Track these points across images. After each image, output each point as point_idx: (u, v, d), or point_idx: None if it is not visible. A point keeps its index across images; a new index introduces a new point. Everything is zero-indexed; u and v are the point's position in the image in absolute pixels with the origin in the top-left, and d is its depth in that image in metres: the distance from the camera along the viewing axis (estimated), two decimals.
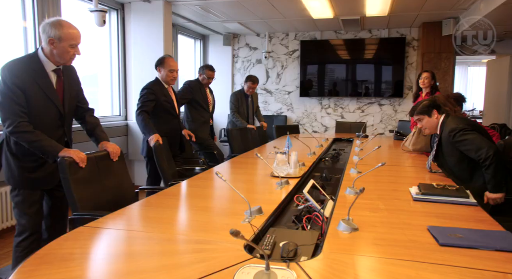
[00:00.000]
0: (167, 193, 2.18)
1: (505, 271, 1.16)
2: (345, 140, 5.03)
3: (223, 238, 1.43)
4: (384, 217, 1.72)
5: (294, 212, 1.88)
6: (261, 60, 7.42)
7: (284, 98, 7.44)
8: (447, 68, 6.26)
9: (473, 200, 1.95)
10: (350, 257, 1.29)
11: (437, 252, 1.31)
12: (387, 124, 6.97)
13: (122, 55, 5.14)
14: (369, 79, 6.99)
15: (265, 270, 1.07)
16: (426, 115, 2.84)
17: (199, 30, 7.02)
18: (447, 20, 5.90)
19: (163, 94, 3.46)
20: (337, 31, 7.04)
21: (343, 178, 2.53)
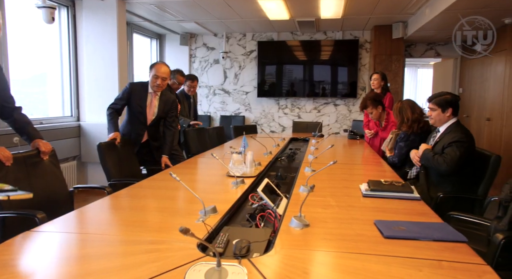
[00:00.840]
0: (121, 194, 2.14)
1: (440, 259, 1.25)
2: (301, 139, 5.14)
3: (176, 238, 1.42)
4: (335, 213, 1.79)
5: (249, 211, 1.90)
6: (219, 60, 7.41)
7: (242, 99, 7.48)
8: (398, 69, 6.57)
9: (417, 195, 2.07)
10: (300, 252, 1.33)
11: (381, 244, 1.38)
12: (342, 123, 7.20)
13: (73, 54, 4.94)
14: (325, 80, 7.20)
15: (216, 267, 1.08)
16: (440, 108, 2.82)
17: (155, 29, 6.90)
18: (397, 23, 6.20)
19: (139, 97, 3.35)
20: (293, 32, 7.18)
21: (298, 177, 2.59)
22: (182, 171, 2.92)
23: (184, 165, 3.15)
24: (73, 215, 1.76)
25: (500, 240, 1.65)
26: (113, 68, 4.88)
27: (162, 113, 3.44)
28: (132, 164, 3.25)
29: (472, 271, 1.16)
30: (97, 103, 4.96)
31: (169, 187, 2.25)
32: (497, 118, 5.44)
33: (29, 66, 4.65)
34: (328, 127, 7.17)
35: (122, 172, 3.03)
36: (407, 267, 1.19)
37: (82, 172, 4.93)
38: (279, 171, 2.82)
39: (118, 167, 3.02)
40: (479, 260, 1.23)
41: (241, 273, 1.06)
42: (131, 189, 2.28)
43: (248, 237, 1.48)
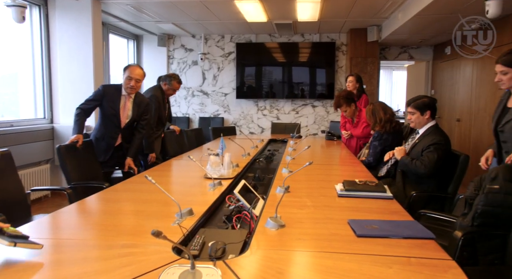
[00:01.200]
0: (94, 198, 2.11)
1: (409, 255, 1.29)
2: (280, 141, 5.18)
3: (151, 241, 1.42)
4: (311, 213, 1.82)
5: (225, 212, 1.91)
6: (197, 61, 7.38)
7: (220, 100, 7.48)
8: (373, 72, 6.71)
9: (390, 194, 2.12)
10: (275, 252, 1.35)
11: (354, 243, 1.42)
12: (320, 124, 7.29)
13: (46, 54, 4.82)
14: (304, 81, 7.28)
15: (190, 269, 1.09)
16: (419, 112, 2.91)
17: (132, 30, 6.82)
18: (371, 27, 6.34)
19: (112, 100, 3.29)
20: (271, 35, 7.23)
21: (275, 178, 2.62)
22: (159, 173, 2.90)
23: (161, 168, 3.13)
24: (45, 220, 1.73)
25: (460, 237, 1.73)
26: (88, 69, 4.79)
27: (137, 116, 3.40)
28: (94, 167, 3.18)
29: (438, 266, 1.21)
30: (72, 105, 4.81)
31: (145, 190, 2.23)
32: (466, 119, 5.64)
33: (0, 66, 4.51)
34: (306, 128, 7.25)
35: (84, 175, 2.96)
36: (378, 264, 1.22)
37: (56, 175, 4.81)
38: (256, 173, 2.84)
39: (79, 170, 2.95)
40: (445, 256, 1.29)
41: (215, 275, 1.07)
42: (106, 193, 2.25)
43: (224, 238, 1.49)
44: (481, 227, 1.82)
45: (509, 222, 1.72)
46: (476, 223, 1.82)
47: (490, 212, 1.78)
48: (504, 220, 1.76)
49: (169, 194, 1.72)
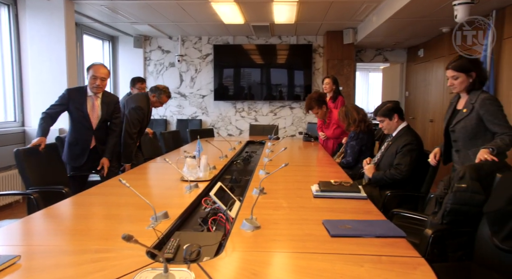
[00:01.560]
0: (67, 203, 2.06)
1: (380, 254, 1.33)
2: (258, 142, 5.19)
3: (125, 246, 1.39)
4: (286, 215, 1.83)
5: (202, 215, 1.90)
6: (174, 63, 7.32)
7: (198, 102, 7.44)
8: (349, 73, 6.82)
9: (364, 194, 2.17)
10: (250, 254, 1.35)
11: (327, 243, 1.44)
12: (298, 126, 7.36)
13: (16, 55, 4.68)
14: (282, 83, 7.32)
15: (163, 272, 1.08)
16: (387, 118, 3.04)
17: (107, 31, 6.70)
18: (347, 30, 6.44)
19: (78, 102, 3.24)
20: (249, 37, 7.25)
21: (252, 180, 2.62)
22: (135, 176, 2.85)
23: (137, 171, 3.08)
24: (16, 226, 1.67)
25: (430, 235, 1.79)
26: (61, 71, 4.68)
27: (107, 115, 3.36)
28: (58, 171, 3.09)
29: (408, 264, 1.25)
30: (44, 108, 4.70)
31: (119, 193, 2.20)
32: (439, 119, 5.80)
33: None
34: (284, 129, 7.29)
35: (46, 179, 2.86)
36: (350, 263, 1.25)
37: None
38: (233, 175, 2.84)
39: (40, 174, 2.85)
40: (415, 253, 1.32)
41: (188, 278, 1.07)
42: (79, 197, 2.20)
43: (199, 241, 1.48)
44: (450, 225, 1.88)
45: (476, 220, 1.79)
46: (446, 221, 1.89)
47: (458, 210, 1.85)
48: (471, 218, 1.82)
49: (143, 197, 1.70)
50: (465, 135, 2.49)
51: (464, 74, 2.47)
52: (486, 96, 2.42)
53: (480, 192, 1.81)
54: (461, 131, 2.51)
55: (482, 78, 2.48)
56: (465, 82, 2.48)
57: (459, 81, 2.49)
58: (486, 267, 1.73)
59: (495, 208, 1.59)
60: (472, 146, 2.46)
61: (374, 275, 1.17)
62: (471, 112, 2.46)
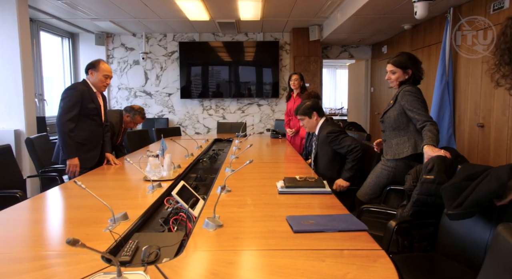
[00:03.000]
0: (18, 207, 1.94)
1: (342, 248, 1.32)
2: (225, 140, 5.15)
3: (79, 250, 1.30)
4: (250, 212, 1.81)
5: (163, 215, 1.85)
6: (139, 61, 7.13)
7: (164, 100, 7.29)
8: (315, 70, 6.89)
9: (328, 189, 2.17)
10: (211, 253, 1.32)
11: (290, 239, 1.42)
12: (266, 123, 7.36)
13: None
14: (251, 81, 7.29)
15: (116, 276, 1.03)
16: (307, 116, 3.17)
17: (66, 27, 6.42)
18: (313, 26, 6.49)
19: (91, 99, 3.09)
20: (215, 34, 7.17)
21: (217, 178, 2.58)
22: (96, 177, 2.74)
23: (100, 171, 2.97)
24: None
25: (393, 227, 1.82)
26: (16, 69, 4.42)
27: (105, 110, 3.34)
28: (12, 174, 2.93)
29: (369, 257, 1.25)
30: (1, 108, 4.47)
31: (77, 195, 2.10)
32: None
33: None
34: (252, 127, 7.27)
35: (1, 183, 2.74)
36: (311, 259, 1.23)
37: None
38: (198, 173, 2.79)
39: None
40: (376, 246, 1.33)
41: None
42: (33, 201, 2.09)
43: (159, 242, 1.43)
44: (415, 216, 1.92)
45: (440, 211, 1.83)
46: (411, 212, 1.92)
47: (423, 201, 1.90)
48: (436, 208, 1.86)
49: (99, 198, 1.63)
50: (390, 125, 2.64)
51: (401, 70, 2.58)
52: (408, 88, 2.54)
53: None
54: (386, 121, 2.67)
55: (417, 77, 2.60)
56: (401, 78, 2.60)
57: (395, 76, 2.61)
58: (448, 257, 1.78)
59: (451, 183, 1.63)
60: (395, 137, 2.63)
61: (335, 269, 1.16)
62: (395, 104, 2.62)
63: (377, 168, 2.75)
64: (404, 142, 2.58)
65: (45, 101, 5.97)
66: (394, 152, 2.62)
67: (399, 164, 2.60)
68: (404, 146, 2.57)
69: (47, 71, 6.18)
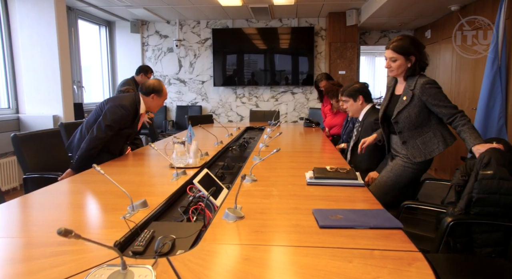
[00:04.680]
0: (45, 191, 1.94)
1: (372, 247, 1.18)
2: (257, 128, 5.05)
3: (94, 237, 1.26)
4: (274, 203, 1.69)
5: (184, 204, 1.78)
6: (173, 48, 7.13)
7: (198, 88, 7.27)
8: (352, 57, 6.60)
9: (361, 181, 2.02)
10: (227, 247, 1.22)
11: (315, 235, 1.30)
12: (300, 112, 7.17)
13: (7, 41, 4.54)
14: (286, 69, 7.10)
15: (121, 270, 0.95)
16: (351, 99, 2.94)
17: (103, 15, 6.51)
18: (350, 10, 6.19)
19: (131, 124, 2.88)
20: (248, 20, 7.03)
21: (244, 166, 2.49)
22: (122, 163, 2.73)
23: (127, 158, 2.96)
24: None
25: (448, 223, 1.62)
26: (54, 57, 4.53)
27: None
28: (60, 157, 2.96)
29: (403, 259, 1.10)
30: (38, 95, 4.61)
31: (100, 181, 2.07)
32: None
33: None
34: (285, 115, 7.12)
35: (46, 165, 2.77)
36: (337, 258, 1.11)
37: None
38: (226, 161, 2.71)
39: (40, 159, 2.76)
40: (412, 247, 1.18)
41: (148, 276, 0.94)
42: (59, 185, 2.08)
43: (176, 232, 1.36)
44: (479, 216, 1.71)
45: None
46: (473, 213, 1.71)
47: (485, 200, 1.67)
48: (504, 208, 1.65)
49: (118, 185, 1.58)
50: (410, 124, 2.32)
51: (403, 57, 2.26)
52: (425, 80, 2.24)
53: (509, 178, 1.64)
54: (405, 121, 2.32)
55: (422, 63, 2.28)
56: (403, 66, 2.29)
57: (397, 64, 2.29)
58: None
59: None
60: (419, 135, 2.32)
61: (363, 272, 1.02)
62: (412, 100, 2.27)
63: (398, 166, 2.43)
64: (431, 138, 2.29)
65: (83, 88, 6.12)
66: (423, 152, 2.31)
67: (425, 163, 2.35)
68: (433, 143, 2.29)
69: (85, 60, 6.31)
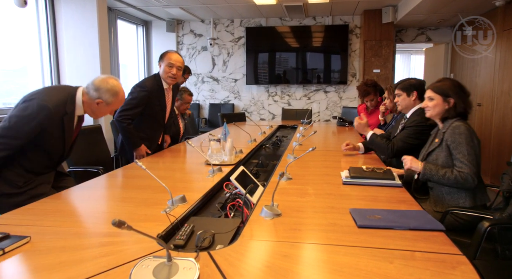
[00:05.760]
0: (86, 185, 2.03)
1: (413, 249, 1.16)
2: (289, 127, 5.04)
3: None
4: (311, 202, 1.70)
5: (221, 200, 1.81)
6: (207, 47, 7.24)
7: (231, 86, 7.34)
8: (388, 55, 6.45)
9: (399, 181, 1.98)
10: (266, 244, 1.24)
11: (353, 234, 1.29)
12: (333, 110, 7.10)
13: (52, 40, 4.76)
14: (318, 67, 7.05)
15: (166, 261, 0.99)
16: (405, 93, 2.78)
17: (140, 15, 6.70)
18: (387, 7, 6.05)
19: (157, 98, 2.95)
20: (282, 18, 7.01)
21: (279, 164, 2.50)
22: (158, 159, 2.81)
23: (164, 154, 3.04)
24: (32, 206, 1.65)
25: (485, 228, 1.56)
26: (95, 56, 4.71)
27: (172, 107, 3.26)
28: (102, 152, 3.09)
29: (446, 262, 1.08)
30: None
31: (140, 176, 2.15)
32: (488, 103, 5.36)
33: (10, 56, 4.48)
34: (318, 114, 7.07)
35: (89, 159, 2.90)
36: (377, 258, 1.10)
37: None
38: (260, 159, 2.73)
39: (82, 154, 2.88)
40: (455, 250, 1.15)
41: (192, 268, 0.97)
42: (101, 179, 2.18)
43: (215, 227, 1.40)
44: None
45: None
46: None
47: None
48: None
49: (158, 179, 1.63)
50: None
51: (441, 98, 2.14)
52: (458, 124, 2.07)
53: None
54: (433, 163, 2.15)
55: (460, 108, 2.12)
56: (439, 107, 2.15)
57: (433, 104, 2.16)
58: None
59: None
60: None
61: (405, 273, 1.01)
62: (441, 143, 2.12)
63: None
64: (458, 190, 2.06)
65: None
66: (446, 203, 2.10)
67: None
68: (460, 196, 2.06)
69: (123, 58, 6.52)
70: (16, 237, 1.23)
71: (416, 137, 2.60)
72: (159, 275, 0.96)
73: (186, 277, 0.95)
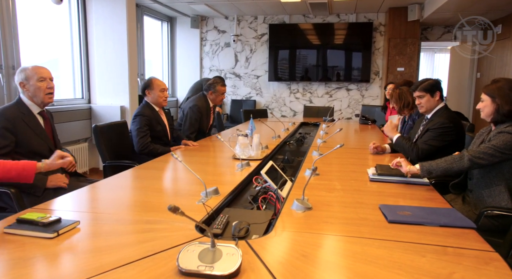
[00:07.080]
0: (124, 175, 2.13)
1: (445, 245, 1.19)
2: (312, 124, 5.07)
3: (175, 218, 1.38)
4: (339, 197, 1.74)
5: (252, 193, 1.87)
6: (230, 43, 7.31)
7: (253, 83, 7.40)
8: (412, 53, 6.38)
9: (426, 180, 2.00)
10: (300, 235, 1.29)
11: (385, 229, 1.33)
12: (355, 108, 7.07)
13: (83, 36, 4.92)
14: (339, 65, 7.03)
15: (210, 247, 1.06)
16: (428, 94, 2.72)
17: (166, 11, 6.82)
18: (413, 5, 5.99)
19: (156, 120, 3.16)
20: (305, 15, 7.02)
21: (305, 160, 2.55)
22: (188, 153, 2.90)
23: (191, 148, 3.13)
24: (79, 193, 1.75)
25: None
26: (123, 51, 4.85)
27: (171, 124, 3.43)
28: (127, 146, 3.17)
29: (479, 257, 1.11)
30: (107, 86, 4.96)
31: (173, 168, 2.24)
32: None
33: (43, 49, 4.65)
34: (339, 112, 7.06)
35: (118, 154, 2.99)
36: (410, 252, 1.14)
37: (93, 153, 4.97)
38: (286, 155, 2.78)
39: (112, 149, 2.98)
40: (487, 247, 1.18)
41: (235, 254, 1.03)
42: (137, 170, 2.27)
43: (249, 219, 1.45)
44: None
45: None
46: None
47: None
48: None
49: (194, 173, 1.70)
50: (480, 170, 2.06)
51: (490, 99, 2.01)
52: (508, 128, 1.91)
53: None
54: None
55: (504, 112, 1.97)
56: (488, 108, 2.03)
57: (482, 105, 2.07)
58: None
59: None
60: (485, 186, 2.03)
61: (438, 266, 1.05)
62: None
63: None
64: (500, 192, 1.97)
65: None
66: (486, 205, 2.00)
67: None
68: (501, 199, 1.96)
69: (148, 54, 6.65)
70: (67, 221, 1.32)
71: (441, 139, 2.58)
72: (204, 259, 1.02)
73: (230, 262, 1.01)
